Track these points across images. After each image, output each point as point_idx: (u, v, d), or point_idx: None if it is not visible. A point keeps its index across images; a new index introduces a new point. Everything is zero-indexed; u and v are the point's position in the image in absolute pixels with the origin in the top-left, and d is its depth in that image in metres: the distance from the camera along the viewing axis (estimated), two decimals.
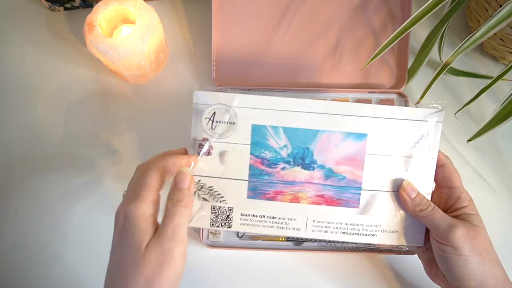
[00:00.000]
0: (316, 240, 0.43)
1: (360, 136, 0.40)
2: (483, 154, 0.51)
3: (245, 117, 0.40)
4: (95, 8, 0.48)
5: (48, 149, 0.52)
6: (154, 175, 0.35)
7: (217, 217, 0.42)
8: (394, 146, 0.40)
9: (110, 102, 0.54)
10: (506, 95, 0.37)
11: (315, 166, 0.41)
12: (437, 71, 0.40)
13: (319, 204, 0.41)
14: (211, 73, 0.52)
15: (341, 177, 0.41)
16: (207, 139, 0.40)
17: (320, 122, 0.40)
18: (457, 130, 0.52)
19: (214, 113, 0.40)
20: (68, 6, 0.57)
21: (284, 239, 0.46)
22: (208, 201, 0.41)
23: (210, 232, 0.47)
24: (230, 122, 0.40)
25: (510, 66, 0.38)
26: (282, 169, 0.41)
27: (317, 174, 0.41)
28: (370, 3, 0.51)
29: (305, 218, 0.41)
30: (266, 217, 0.41)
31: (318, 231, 0.41)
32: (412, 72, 0.51)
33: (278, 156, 0.41)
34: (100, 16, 0.47)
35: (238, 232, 0.46)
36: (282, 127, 0.41)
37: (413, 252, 0.45)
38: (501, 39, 0.50)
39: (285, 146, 0.41)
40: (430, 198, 0.40)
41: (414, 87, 0.53)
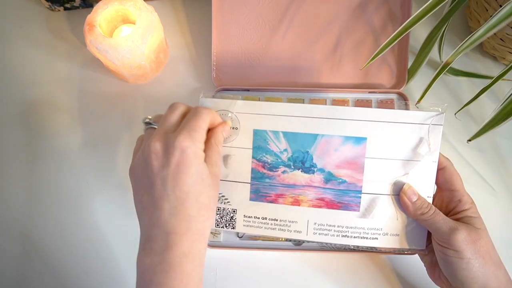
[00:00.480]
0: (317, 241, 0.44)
1: (359, 140, 0.40)
2: (483, 154, 0.51)
3: (247, 122, 0.42)
4: (95, 8, 0.48)
5: (48, 149, 0.52)
6: (206, 120, 0.37)
7: (221, 218, 0.43)
8: (394, 149, 0.40)
9: (110, 102, 0.54)
10: (506, 95, 0.37)
11: (315, 169, 0.41)
12: (437, 71, 0.40)
13: (320, 207, 0.41)
14: (211, 73, 0.52)
15: (341, 180, 0.41)
16: None
17: (319, 126, 0.41)
18: (457, 130, 0.52)
19: None
20: (68, 6, 0.57)
21: (283, 239, 0.47)
22: None
23: (211, 232, 0.47)
24: (233, 127, 0.42)
25: (510, 66, 0.38)
26: (283, 172, 0.42)
27: (317, 178, 0.41)
28: (370, 3, 0.51)
29: (306, 220, 0.42)
30: (268, 219, 0.42)
31: (319, 234, 0.42)
32: (412, 72, 0.51)
33: (279, 160, 0.42)
34: (100, 16, 0.47)
35: (238, 232, 0.46)
36: (282, 132, 0.41)
37: (414, 252, 0.45)
38: (501, 39, 0.50)
39: (285, 150, 0.42)
40: (431, 201, 0.40)
41: (414, 87, 0.53)
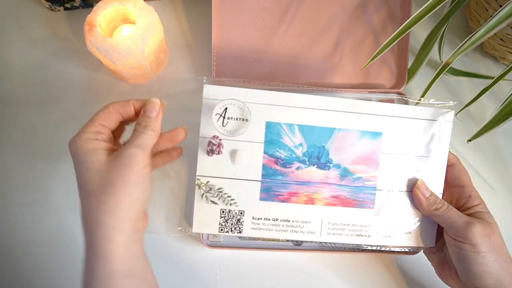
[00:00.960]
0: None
1: (375, 134, 0.40)
2: (483, 154, 0.51)
3: (258, 113, 0.38)
4: (95, 8, 0.48)
5: (47, 149, 0.52)
6: (100, 112, 0.36)
7: (226, 221, 0.39)
8: (408, 145, 0.40)
9: (110, 102, 0.53)
10: (506, 95, 0.37)
11: (331, 165, 0.39)
12: (437, 71, 0.40)
13: (335, 205, 0.40)
14: (211, 73, 0.52)
15: (356, 177, 0.40)
16: (217, 137, 0.38)
17: (336, 120, 0.39)
18: (457, 130, 0.51)
19: (226, 108, 0.38)
20: (68, 6, 0.57)
21: (283, 240, 0.46)
22: (217, 204, 0.39)
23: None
24: (243, 119, 0.38)
25: (510, 66, 0.38)
26: (297, 168, 0.39)
27: (332, 174, 0.39)
28: (370, 3, 0.51)
29: (320, 220, 0.40)
30: (279, 220, 0.40)
31: (334, 234, 0.40)
32: (412, 72, 0.51)
33: (293, 155, 0.39)
34: (100, 16, 0.47)
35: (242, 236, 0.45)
36: (298, 125, 0.39)
37: (414, 252, 0.45)
38: (501, 39, 0.50)
39: (300, 144, 0.39)
40: (441, 197, 0.40)
41: (414, 87, 0.53)
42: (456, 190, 0.40)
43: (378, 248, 0.41)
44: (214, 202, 0.39)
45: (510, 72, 0.38)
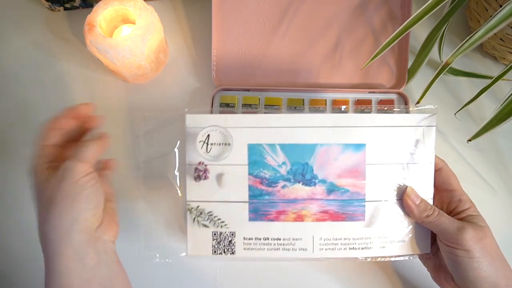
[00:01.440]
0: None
1: (358, 146, 0.40)
2: (483, 154, 0.51)
3: (240, 137, 0.39)
4: (95, 8, 0.48)
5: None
6: (41, 134, 0.38)
7: (219, 243, 0.40)
8: (392, 154, 0.40)
9: (110, 102, 0.54)
10: (506, 95, 0.37)
11: (316, 181, 0.40)
12: (437, 71, 0.40)
13: (324, 220, 0.40)
14: (211, 73, 0.52)
15: (343, 190, 0.40)
16: (203, 162, 0.39)
17: (317, 136, 0.39)
18: (457, 130, 0.52)
19: (208, 135, 0.39)
20: (68, 6, 0.57)
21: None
22: (208, 227, 0.40)
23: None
24: (225, 143, 0.39)
25: (510, 66, 0.38)
26: (283, 187, 0.40)
27: (319, 190, 0.40)
28: (370, 3, 0.51)
29: (311, 236, 0.40)
30: (270, 239, 0.40)
31: (326, 249, 0.40)
32: (412, 72, 0.51)
33: (278, 174, 0.40)
34: (100, 16, 0.47)
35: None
36: (279, 144, 0.39)
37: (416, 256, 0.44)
38: (501, 39, 0.50)
39: (283, 163, 0.40)
40: (432, 203, 0.40)
41: (414, 87, 0.53)
42: (445, 194, 0.40)
43: (374, 260, 0.41)
44: (205, 225, 0.40)
45: (509, 72, 0.38)
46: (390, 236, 0.40)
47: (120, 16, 0.50)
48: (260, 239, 0.40)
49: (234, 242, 0.40)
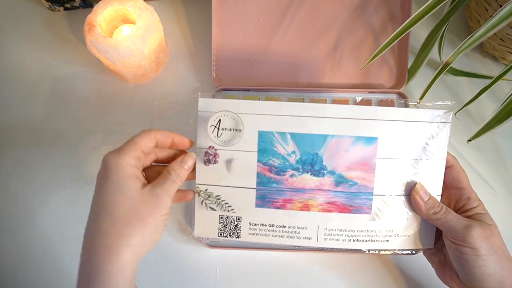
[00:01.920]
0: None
1: (370, 140, 0.39)
2: (483, 154, 0.51)
3: (251, 123, 0.39)
4: (95, 8, 0.48)
5: (47, 149, 0.52)
6: (143, 137, 0.37)
7: (225, 226, 0.41)
8: (404, 148, 0.39)
9: (110, 102, 0.54)
10: (506, 95, 0.37)
11: (325, 172, 0.40)
12: (437, 71, 0.40)
13: (330, 211, 0.40)
14: (211, 73, 0.52)
15: (352, 183, 0.40)
16: (213, 147, 0.40)
17: (328, 126, 0.39)
18: (457, 130, 0.51)
19: (220, 120, 0.39)
20: (68, 6, 0.57)
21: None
22: (215, 210, 0.40)
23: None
24: (236, 129, 0.40)
25: (510, 66, 0.38)
26: (291, 176, 0.40)
27: (327, 181, 0.40)
28: (370, 3, 0.51)
29: (316, 226, 0.40)
30: (275, 226, 0.40)
31: (330, 240, 0.40)
32: (412, 72, 0.51)
33: (286, 163, 0.40)
34: (100, 16, 0.47)
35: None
36: (290, 133, 0.39)
37: (418, 252, 0.44)
38: (501, 39, 0.50)
39: (293, 152, 0.40)
40: (440, 199, 0.40)
41: (414, 87, 0.53)
42: (454, 192, 0.40)
43: (377, 252, 0.41)
44: (212, 209, 0.41)
45: (509, 72, 0.38)
46: (395, 230, 0.40)
47: (120, 16, 0.50)
48: (265, 225, 0.41)
49: (240, 227, 0.41)
